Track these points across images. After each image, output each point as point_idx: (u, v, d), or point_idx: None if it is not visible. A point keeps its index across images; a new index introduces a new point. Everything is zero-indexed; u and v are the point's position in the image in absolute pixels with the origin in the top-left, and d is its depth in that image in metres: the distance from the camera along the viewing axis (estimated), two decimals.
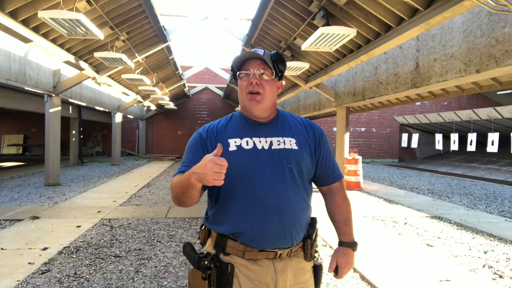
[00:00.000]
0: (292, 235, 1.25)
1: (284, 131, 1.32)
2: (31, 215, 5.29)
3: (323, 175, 1.39)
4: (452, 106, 21.20)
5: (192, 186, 1.09)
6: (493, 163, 13.08)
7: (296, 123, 1.37)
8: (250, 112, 1.29)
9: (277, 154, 1.26)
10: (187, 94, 19.68)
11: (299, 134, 1.33)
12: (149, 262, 3.53)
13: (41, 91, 7.92)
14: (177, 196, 1.19)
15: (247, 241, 1.21)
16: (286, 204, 1.23)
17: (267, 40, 7.58)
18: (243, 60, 1.28)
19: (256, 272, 1.21)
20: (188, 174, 1.09)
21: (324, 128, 21.73)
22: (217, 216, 1.28)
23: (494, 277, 3.26)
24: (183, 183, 1.12)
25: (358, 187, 8.62)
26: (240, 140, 1.27)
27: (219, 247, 1.24)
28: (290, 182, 1.25)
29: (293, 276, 1.26)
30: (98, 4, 5.37)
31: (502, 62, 4.09)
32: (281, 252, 1.23)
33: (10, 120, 18.77)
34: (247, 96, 1.26)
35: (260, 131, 1.30)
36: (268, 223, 1.21)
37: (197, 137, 1.32)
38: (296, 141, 1.30)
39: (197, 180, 1.05)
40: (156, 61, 10.39)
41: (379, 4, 4.32)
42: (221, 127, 1.33)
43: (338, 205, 1.43)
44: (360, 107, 11.83)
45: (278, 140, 1.28)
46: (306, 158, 1.30)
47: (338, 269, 1.36)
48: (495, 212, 6.23)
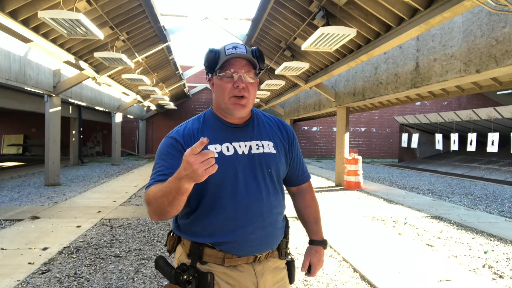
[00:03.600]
0: (273, 240, 1.24)
1: (262, 134, 1.28)
2: (31, 215, 5.29)
3: (294, 176, 1.39)
4: (452, 106, 21.21)
5: (183, 191, 0.96)
6: (493, 163, 13.08)
7: (271, 124, 1.33)
8: (232, 115, 1.21)
9: (256, 159, 1.22)
10: (187, 94, 19.68)
11: (275, 136, 1.31)
12: (149, 262, 3.52)
13: (41, 91, 7.92)
14: (161, 208, 1.03)
15: (228, 249, 1.16)
16: (268, 210, 1.21)
17: (267, 40, 7.58)
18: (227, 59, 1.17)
19: (237, 278, 1.18)
20: (175, 180, 0.95)
21: (324, 128, 21.86)
22: (194, 226, 1.19)
23: (494, 277, 3.26)
24: (170, 191, 0.98)
25: (358, 187, 8.63)
26: (220, 146, 1.19)
27: (194, 256, 1.17)
28: (270, 187, 1.23)
29: (272, 277, 1.26)
30: (98, 4, 5.37)
31: (502, 62, 4.09)
32: (260, 256, 1.22)
33: (10, 120, 18.77)
34: (231, 99, 1.17)
35: (239, 135, 1.23)
36: (251, 230, 1.17)
37: (172, 142, 1.18)
38: (274, 144, 1.28)
39: (190, 181, 0.93)
40: (156, 61, 10.39)
41: (379, 4, 4.32)
42: (197, 130, 1.21)
43: (308, 204, 1.43)
44: (360, 107, 11.84)
45: (257, 144, 1.24)
46: (282, 161, 1.29)
47: (311, 268, 1.38)
48: (495, 212, 6.23)
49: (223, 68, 1.17)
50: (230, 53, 1.16)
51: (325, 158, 20.75)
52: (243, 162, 1.20)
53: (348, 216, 5.61)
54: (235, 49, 1.17)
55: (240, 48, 1.18)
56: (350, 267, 3.47)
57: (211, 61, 1.19)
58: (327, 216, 5.61)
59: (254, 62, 1.19)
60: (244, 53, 1.17)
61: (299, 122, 20.85)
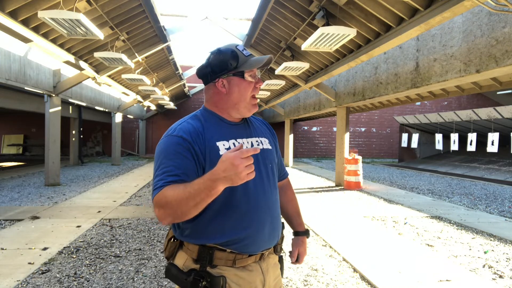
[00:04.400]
0: (278, 233, 1.29)
1: (257, 132, 1.33)
2: (31, 215, 5.29)
3: (279, 173, 1.45)
4: (452, 106, 21.21)
5: (215, 193, 0.96)
6: (493, 163, 13.08)
7: (259, 124, 1.40)
8: (245, 114, 1.25)
9: (260, 154, 1.24)
10: (187, 94, 19.69)
11: (267, 133, 1.38)
12: (149, 262, 3.53)
13: (41, 91, 7.92)
14: (181, 211, 1.00)
15: (241, 248, 1.16)
16: (273, 204, 1.26)
17: (267, 40, 7.58)
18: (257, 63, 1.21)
19: (247, 278, 1.19)
20: (208, 182, 0.94)
21: (324, 128, 21.89)
22: (204, 227, 1.16)
23: (494, 277, 3.26)
24: (199, 193, 0.96)
25: (358, 187, 8.63)
26: (227, 143, 1.20)
27: (203, 260, 1.15)
28: (272, 181, 1.28)
29: (273, 272, 1.29)
30: (98, 4, 5.37)
31: (502, 62, 4.09)
32: (264, 252, 1.24)
33: (10, 120, 18.78)
34: (252, 99, 1.23)
35: (240, 132, 1.26)
36: (262, 226, 1.20)
37: (179, 141, 1.13)
38: (269, 141, 1.34)
39: (226, 184, 0.93)
40: (156, 61, 10.39)
41: (379, 4, 4.32)
42: (201, 128, 1.19)
43: (290, 199, 1.51)
44: (360, 107, 11.84)
45: (257, 141, 1.29)
46: (275, 157, 1.36)
47: (299, 257, 1.48)
48: (495, 212, 6.23)
49: (247, 69, 1.21)
50: (248, 54, 1.22)
51: (325, 158, 20.75)
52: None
53: (348, 216, 5.61)
54: (251, 55, 1.23)
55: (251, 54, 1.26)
56: (350, 267, 3.47)
57: (227, 61, 1.18)
58: (327, 216, 5.61)
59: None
60: None
61: (299, 122, 20.85)
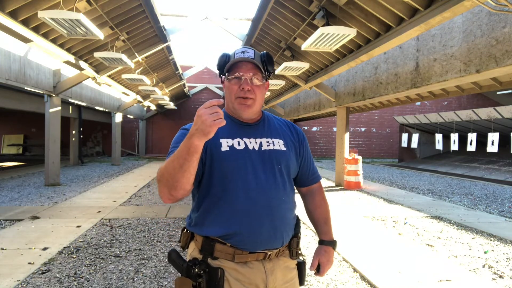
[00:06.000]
0: (282, 235, 1.26)
1: (272, 132, 1.33)
2: (31, 215, 5.29)
3: (304, 177, 1.43)
4: (452, 106, 21.21)
5: (193, 150, 0.99)
6: (493, 163, 13.08)
7: (281, 125, 1.39)
8: (240, 115, 1.28)
9: (267, 155, 1.26)
10: (187, 94, 19.69)
11: (285, 135, 1.36)
12: (149, 262, 3.53)
13: (41, 91, 7.92)
14: (171, 177, 1.03)
15: (237, 243, 1.19)
16: (277, 204, 1.24)
17: (267, 40, 7.58)
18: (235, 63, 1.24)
19: (246, 275, 1.20)
20: (186, 140, 0.99)
21: (324, 128, 21.87)
22: (204, 218, 1.23)
23: (494, 277, 3.26)
24: (181, 152, 1.01)
25: (358, 187, 8.62)
26: (232, 141, 1.24)
27: (206, 251, 1.20)
28: (280, 183, 1.26)
29: (282, 275, 1.27)
30: (98, 4, 5.37)
31: (502, 62, 4.09)
32: (270, 253, 1.23)
33: (10, 120, 18.77)
34: (237, 100, 1.24)
35: (249, 132, 1.29)
36: (259, 224, 1.20)
37: (185, 132, 1.21)
38: (284, 142, 1.33)
39: (200, 137, 0.96)
40: (156, 61, 10.39)
41: (379, 4, 4.32)
42: None
43: (318, 205, 1.46)
44: (360, 107, 11.84)
45: (267, 141, 1.29)
46: (293, 159, 1.33)
47: (320, 268, 1.40)
48: (495, 212, 6.23)
49: (231, 71, 1.24)
50: (238, 57, 1.23)
51: (325, 158, 20.75)
52: (254, 156, 1.24)
53: (348, 216, 5.61)
54: (243, 53, 1.24)
55: (248, 53, 1.24)
56: (350, 267, 3.47)
57: (222, 64, 1.27)
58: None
59: (261, 65, 1.24)
60: (252, 57, 1.23)
61: (299, 122, 20.84)
